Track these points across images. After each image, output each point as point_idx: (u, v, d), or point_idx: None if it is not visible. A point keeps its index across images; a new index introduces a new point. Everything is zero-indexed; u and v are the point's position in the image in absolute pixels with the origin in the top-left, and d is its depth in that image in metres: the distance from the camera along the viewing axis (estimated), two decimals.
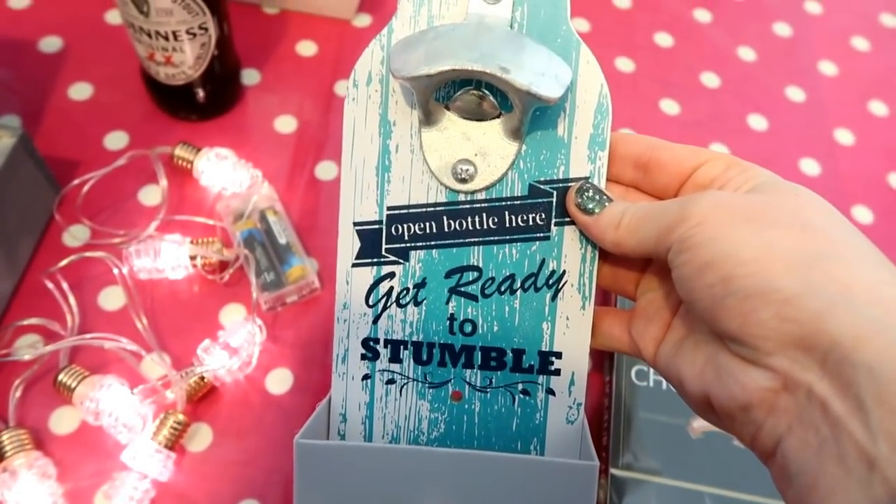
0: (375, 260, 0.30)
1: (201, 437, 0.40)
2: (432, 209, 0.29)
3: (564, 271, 0.29)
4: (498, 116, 0.28)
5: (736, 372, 0.22)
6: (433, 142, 0.29)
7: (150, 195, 0.47)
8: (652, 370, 0.42)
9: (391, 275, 0.30)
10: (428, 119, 0.28)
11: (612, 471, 0.39)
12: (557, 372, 0.30)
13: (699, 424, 0.41)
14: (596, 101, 0.28)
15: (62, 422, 0.39)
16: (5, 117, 0.49)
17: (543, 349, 0.30)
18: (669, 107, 0.56)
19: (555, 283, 0.29)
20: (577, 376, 0.30)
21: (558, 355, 0.30)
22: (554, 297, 0.29)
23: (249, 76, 0.53)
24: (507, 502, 0.27)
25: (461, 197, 0.29)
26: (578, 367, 0.30)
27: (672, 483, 0.39)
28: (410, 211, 0.29)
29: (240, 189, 0.46)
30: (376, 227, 0.29)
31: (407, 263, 0.30)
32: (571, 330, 0.30)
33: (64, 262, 0.42)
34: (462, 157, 0.29)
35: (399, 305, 0.30)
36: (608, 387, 0.42)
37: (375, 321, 0.30)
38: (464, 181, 0.29)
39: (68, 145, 0.48)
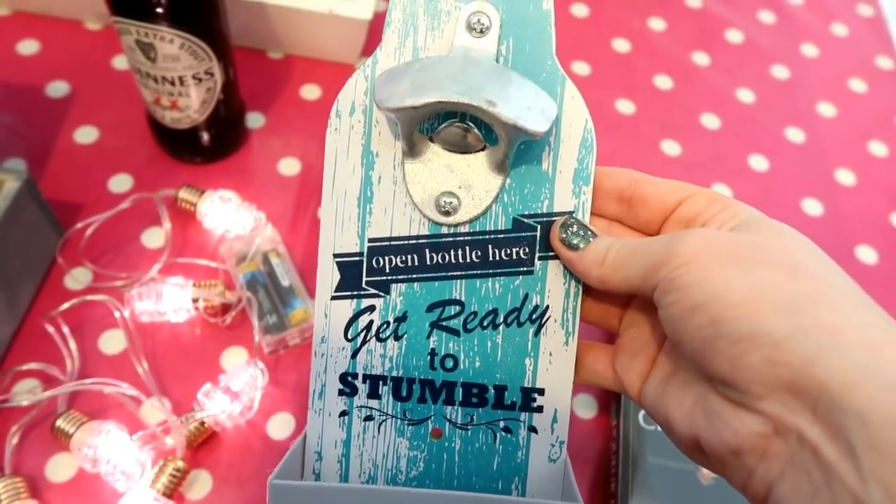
0: (355, 293, 0.29)
1: (201, 485, 0.39)
2: (414, 241, 0.29)
3: (548, 306, 0.29)
4: (482, 149, 0.28)
5: (726, 416, 0.22)
6: (416, 174, 0.28)
7: (154, 238, 0.47)
8: None
9: (371, 308, 0.29)
10: (412, 151, 0.28)
11: None
12: (540, 409, 0.29)
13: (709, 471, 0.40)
14: (580, 135, 0.28)
15: (59, 469, 0.38)
16: (11, 161, 0.49)
17: (526, 385, 0.29)
18: (671, 148, 0.57)
19: (538, 318, 0.29)
20: (560, 413, 0.29)
21: (541, 392, 0.29)
22: (537, 333, 0.29)
23: (254, 119, 0.54)
24: None
25: (444, 230, 0.28)
26: (561, 405, 0.29)
27: None
28: (392, 243, 0.28)
29: (243, 231, 0.46)
30: (357, 258, 0.29)
31: (388, 297, 0.29)
32: (554, 366, 0.29)
33: (65, 306, 0.41)
34: (446, 190, 0.28)
35: (379, 339, 0.29)
36: (615, 431, 0.42)
37: (354, 355, 0.29)
38: (447, 214, 0.28)
39: (73, 188, 0.48)
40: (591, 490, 0.41)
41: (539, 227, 0.28)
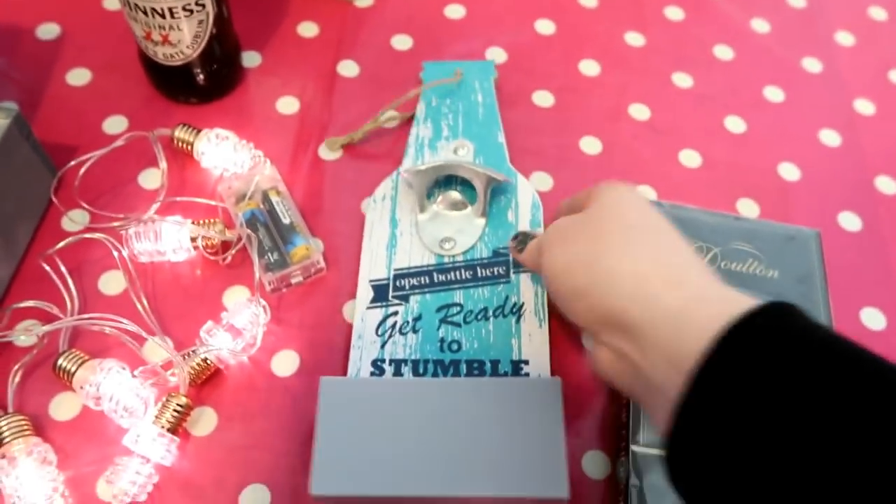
0: (384, 304, 0.41)
1: (206, 421, 0.38)
2: (425, 268, 0.43)
3: (523, 303, 0.42)
4: (466, 208, 0.45)
5: (595, 354, 0.31)
6: (425, 226, 0.44)
7: (151, 178, 0.46)
8: None
9: (395, 313, 0.41)
10: (422, 208, 0.44)
11: (633, 448, 0.37)
12: (527, 375, 0.39)
13: None
14: (530, 202, 0.45)
15: (62, 408, 0.38)
16: (3, 103, 0.48)
17: (514, 359, 0.40)
18: (682, 80, 0.55)
19: (517, 310, 0.41)
20: (542, 376, 0.39)
21: (526, 362, 0.40)
22: (518, 321, 0.41)
23: (250, 58, 0.52)
24: (491, 416, 0.34)
25: (446, 259, 0.43)
26: (543, 370, 0.39)
27: None
28: (410, 270, 0.43)
29: (242, 170, 0.45)
30: (385, 282, 0.42)
31: (407, 304, 0.41)
32: (534, 343, 0.40)
33: (62, 244, 0.41)
34: (446, 236, 0.44)
35: (401, 334, 0.40)
36: None
37: (382, 347, 0.40)
38: (447, 250, 0.43)
39: (67, 131, 0.47)
40: (601, 420, 0.40)
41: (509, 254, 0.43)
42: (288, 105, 0.50)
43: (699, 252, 0.44)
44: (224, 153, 0.45)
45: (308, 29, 0.54)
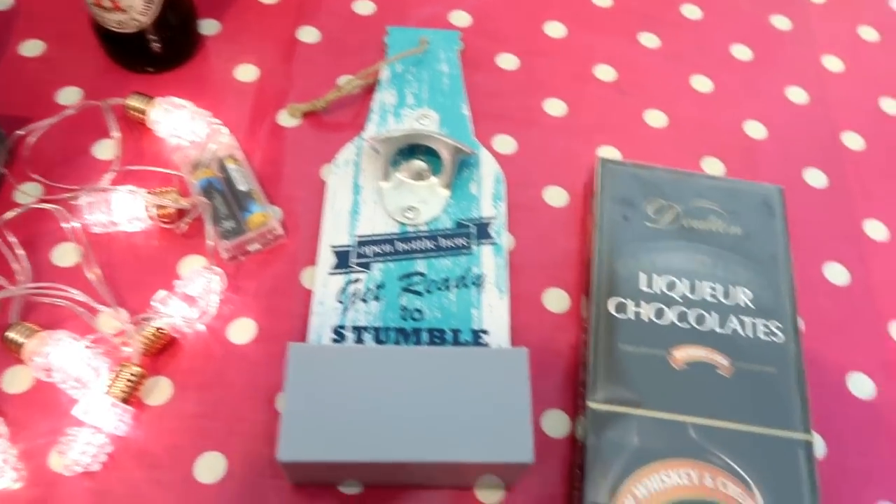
0: (346, 270, 0.41)
1: (160, 391, 0.38)
2: (388, 236, 0.42)
3: (484, 274, 0.42)
4: (430, 178, 0.44)
5: None
6: (390, 195, 0.44)
7: (104, 149, 0.45)
8: (631, 302, 0.40)
9: (357, 280, 0.41)
10: (386, 177, 0.44)
11: (590, 405, 0.37)
12: (486, 345, 0.39)
13: (681, 355, 0.39)
14: (493, 174, 0.45)
15: (14, 381, 0.37)
16: None
17: (474, 328, 0.40)
18: (649, 40, 0.54)
19: (479, 281, 0.41)
20: (502, 346, 0.39)
21: (486, 332, 0.40)
22: (479, 292, 0.41)
23: (208, 26, 0.51)
24: (458, 384, 0.34)
25: (409, 229, 0.43)
26: (502, 340, 0.40)
27: (654, 415, 0.37)
28: (373, 237, 0.42)
29: (198, 139, 0.45)
30: (348, 248, 0.42)
31: (370, 272, 0.41)
32: (494, 313, 0.40)
33: (11, 214, 0.40)
34: (410, 205, 0.43)
35: (363, 301, 0.40)
36: (585, 323, 0.41)
37: (344, 313, 0.39)
38: (410, 219, 0.43)
39: (19, 102, 0.46)
40: (563, 381, 0.40)
41: (473, 225, 0.43)
42: (247, 73, 0.49)
43: (661, 211, 0.43)
44: (179, 122, 0.44)
45: None
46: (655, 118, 0.50)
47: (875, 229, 0.47)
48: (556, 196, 0.46)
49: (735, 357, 0.39)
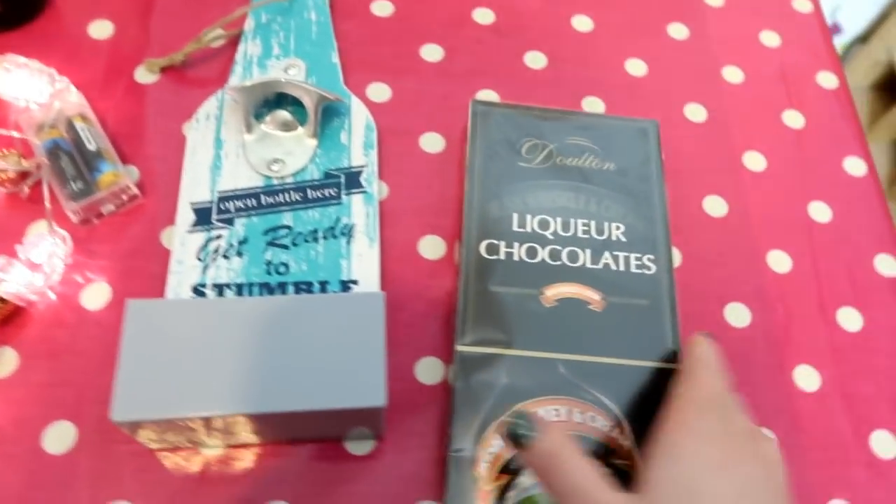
0: (207, 227, 0.39)
1: (5, 362, 0.36)
2: (252, 190, 0.40)
3: (354, 223, 0.40)
4: (297, 129, 0.42)
5: None
6: (254, 148, 0.42)
7: None
8: (503, 242, 0.39)
9: (219, 236, 0.39)
10: (249, 128, 0.42)
11: (458, 348, 0.36)
12: None
13: (552, 293, 0.38)
14: (364, 123, 0.44)
15: None
16: None
17: (344, 279, 0.38)
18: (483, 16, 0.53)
19: (348, 232, 0.40)
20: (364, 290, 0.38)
21: (356, 282, 0.38)
22: (349, 242, 0.40)
23: None
24: (310, 332, 0.32)
25: (275, 181, 0.41)
26: (373, 289, 0.38)
27: (523, 354, 0.36)
28: (236, 192, 0.40)
29: (43, 99, 0.42)
30: (208, 205, 0.40)
31: (232, 227, 0.39)
32: (364, 262, 0.39)
33: None
34: (275, 157, 0.42)
35: (225, 257, 0.38)
36: (458, 268, 0.40)
37: (204, 271, 0.38)
38: (276, 172, 0.41)
39: None
40: (439, 328, 0.39)
41: (343, 175, 0.41)
42: (101, 29, 0.47)
43: (534, 150, 0.42)
44: (19, 82, 0.41)
45: None
46: (535, 59, 0.49)
47: (753, 160, 0.47)
48: (432, 142, 0.45)
49: (607, 292, 0.38)
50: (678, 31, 0.52)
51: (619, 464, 0.34)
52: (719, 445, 0.30)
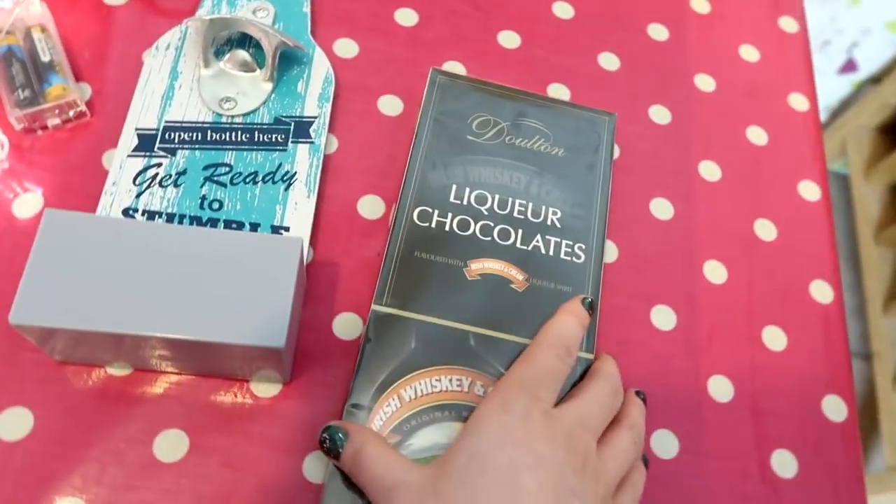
0: (148, 154, 0.39)
1: None
2: (200, 124, 0.41)
3: (296, 172, 0.40)
4: (255, 72, 0.42)
5: None
6: (208, 83, 0.42)
7: None
8: (436, 211, 0.39)
9: (159, 164, 0.39)
10: (206, 63, 0.42)
11: (373, 307, 0.37)
12: None
13: (477, 266, 0.38)
14: (324, 76, 0.44)
15: None
16: None
17: (275, 224, 0.39)
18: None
19: (288, 179, 0.40)
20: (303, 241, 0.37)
21: (287, 229, 0.39)
22: (287, 189, 0.40)
23: None
24: (223, 266, 0.33)
25: (224, 119, 0.41)
26: (303, 237, 0.39)
27: (437, 321, 0.36)
28: (183, 124, 0.40)
29: (5, 5, 0.42)
30: (153, 132, 0.40)
31: (173, 158, 0.39)
32: (299, 211, 0.39)
33: None
34: (227, 95, 0.42)
35: (161, 186, 0.39)
36: (389, 230, 0.40)
37: (138, 196, 0.38)
38: (226, 110, 0.41)
39: None
40: (364, 286, 0.39)
41: (292, 123, 0.42)
42: None
43: (485, 126, 0.42)
44: None
45: None
46: (509, 39, 0.49)
47: (709, 170, 0.47)
48: (390, 105, 0.45)
49: (532, 273, 0.39)
50: (658, 31, 0.52)
51: None
52: (522, 423, 0.30)
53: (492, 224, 0.40)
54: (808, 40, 0.55)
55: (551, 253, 0.39)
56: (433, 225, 0.39)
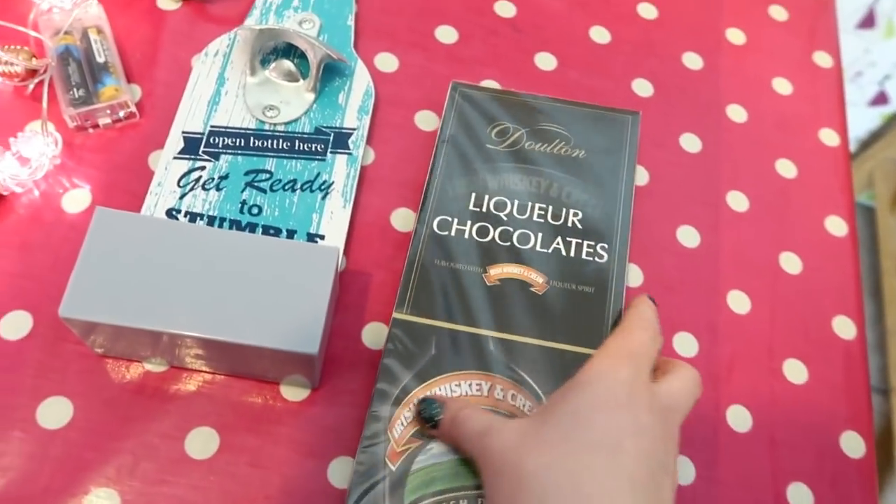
0: (193, 156, 0.41)
1: None
2: (243, 131, 0.42)
3: (333, 182, 0.41)
4: (298, 81, 0.44)
5: None
6: (253, 91, 0.44)
7: None
8: (456, 220, 0.41)
9: (202, 168, 0.40)
10: (253, 71, 0.44)
11: (395, 315, 0.38)
12: None
13: (496, 272, 0.39)
14: (364, 89, 0.45)
15: None
16: None
17: (311, 231, 0.40)
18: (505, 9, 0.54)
19: (326, 188, 0.41)
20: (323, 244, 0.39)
21: (322, 237, 0.40)
22: (324, 198, 0.41)
23: None
24: (263, 272, 0.34)
25: (267, 127, 0.42)
26: (338, 245, 0.40)
27: (456, 328, 0.37)
28: (227, 129, 0.42)
29: (65, 5, 0.43)
30: (199, 136, 0.41)
31: (217, 162, 0.41)
32: (334, 220, 0.40)
33: None
34: (271, 103, 0.43)
35: (204, 189, 0.40)
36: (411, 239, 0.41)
37: (181, 198, 0.40)
38: (269, 118, 0.43)
39: None
40: (393, 296, 0.40)
41: (332, 133, 0.43)
42: None
43: (503, 133, 0.43)
44: None
45: None
46: (545, 60, 0.50)
47: (737, 200, 0.48)
48: (426, 120, 0.46)
49: (552, 275, 0.39)
50: (692, 60, 0.52)
51: None
52: (627, 391, 0.30)
53: (511, 229, 0.40)
54: (841, 76, 0.55)
55: (572, 254, 0.40)
56: (452, 233, 0.40)
